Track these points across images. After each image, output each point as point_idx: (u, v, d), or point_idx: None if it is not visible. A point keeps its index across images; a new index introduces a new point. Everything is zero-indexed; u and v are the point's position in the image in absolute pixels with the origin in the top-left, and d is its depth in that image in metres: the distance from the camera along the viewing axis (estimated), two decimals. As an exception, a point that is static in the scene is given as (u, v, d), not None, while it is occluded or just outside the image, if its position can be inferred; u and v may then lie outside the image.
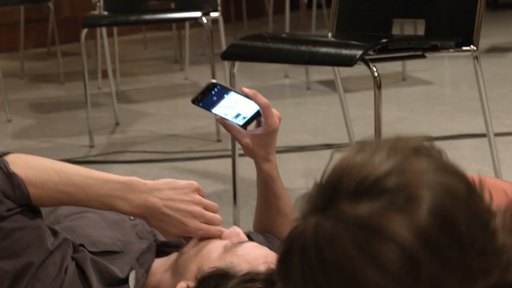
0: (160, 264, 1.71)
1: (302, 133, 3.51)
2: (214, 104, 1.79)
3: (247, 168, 2.93)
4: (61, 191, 1.57)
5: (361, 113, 3.66)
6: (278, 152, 3.26)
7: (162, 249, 1.77)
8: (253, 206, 2.59)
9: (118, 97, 4.38)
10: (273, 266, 1.56)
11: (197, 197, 1.63)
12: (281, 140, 3.43)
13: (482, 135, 2.84)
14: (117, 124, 3.90)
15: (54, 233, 1.62)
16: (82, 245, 1.66)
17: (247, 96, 1.79)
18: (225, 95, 1.78)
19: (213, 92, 1.77)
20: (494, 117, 2.79)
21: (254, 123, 1.86)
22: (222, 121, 1.84)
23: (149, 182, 1.60)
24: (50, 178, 1.57)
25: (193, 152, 3.25)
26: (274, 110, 1.85)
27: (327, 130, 3.58)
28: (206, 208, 1.65)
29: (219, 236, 1.66)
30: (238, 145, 2.41)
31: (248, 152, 1.88)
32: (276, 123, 1.84)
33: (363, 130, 3.31)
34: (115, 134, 3.76)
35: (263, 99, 1.81)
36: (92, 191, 1.57)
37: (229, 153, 2.45)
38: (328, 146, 3.31)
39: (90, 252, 1.67)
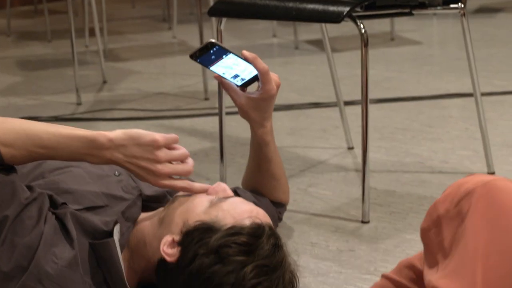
0: (146, 218, 1.71)
1: (289, 92, 3.50)
2: (212, 62, 1.78)
3: (234, 126, 2.93)
4: (31, 150, 1.59)
5: (349, 73, 3.66)
6: (266, 110, 3.26)
7: (147, 204, 1.78)
8: (240, 163, 2.60)
9: (106, 55, 4.36)
10: (258, 220, 1.57)
11: (161, 155, 1.61)
12: (269, 99, 3.42)
13: (470, 95, 2.84)
14: (104, 82, 3.88)
15: (30, 188, 1.62)
16: (64, 203, 1.66)
17: (246, 59, 1.79)
18: (223, 56, 1.77)
19: (211, 51, 1.75)
20: (482, 77, 2.80)
21: (254, 87, 1.86)
22: (220, 79, 1.84)
23: (114, 137, 1.60)
24: (20, 137, 1.58)
25: (180, 110, 3.25)
26: (274, 76, 1.84)
27: (315, 89, 3.57)
28: (174, 159, 1.64)
29: (203, 193, 1.66)
30: (225, 104, 2.41)
31: (242, 113, 1.87)
32: (274, 90, 1.84)
33: (351, 90, 3.30)
34: (103, 92, 3.74)
35: (262, 64, 1.80)
36: (61, 149, 1.59)
37: (217, 111, 2.45)
38: (315, 105, 3.30)
39: (74, 210, 1.67)
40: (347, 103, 2.94)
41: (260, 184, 1.99)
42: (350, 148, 2.74)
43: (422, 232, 1.35)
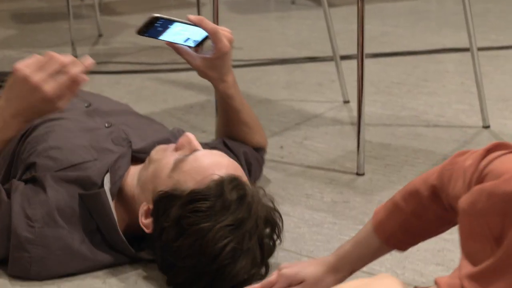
0: (134, 173, 1.71)
1: (285, 47, 3.49)
2: (160, 33, 1.77)
3: (230, 79, 2.92)
4: None
5: (345, 28, 3.64)
6: (262, 64, 3.26)
7: (138, 156, 1.78)
8: (235, 116, 2.60)
9: (101, 9, 4.33)
10: (217, 177, 1.56)
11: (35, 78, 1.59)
12: (265, 53, 3.42)
13: (466, 50, 2.84)
14: (100, 35, 3.86)
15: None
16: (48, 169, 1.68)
17: (194, 23, 1.78)
18: (169, 26, 1.76)
19: (157, 25, 1.74)
20: (479, 32, 2.79)
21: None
22: (172, 45, 1.83)
23: None
24: None
25: (176, 64, 3.23)
26: (225, 33, 1.84)
27: (311, 43, 3.56)
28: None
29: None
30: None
31: (201, 74, 1.89)
32: (226, 47, 1.83)
33: (347, 44, 3.29)
34: (98, 45, 3.73)
35: (210, 25, 1.80)
36: None
37: (212, 63, 2.43)
38: (311, 59, 3.30)
39: (62, 169, 1.69)
40: (343, 57, 2.93)
41: (232, 133, 1.99)
42: (346, 102, 2.75)
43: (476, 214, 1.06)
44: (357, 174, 2.15)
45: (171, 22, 1.75)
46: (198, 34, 1.81)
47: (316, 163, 2.24)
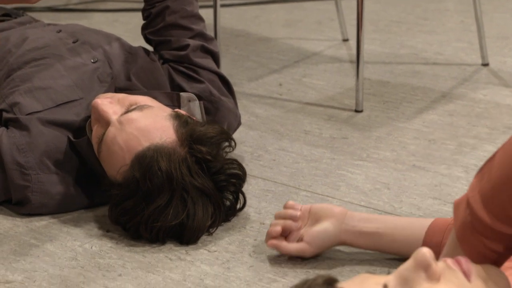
0: None
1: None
2: None
3: (228, 18, 2.92)
4: None
5: (345, -34, 3.61)
6: (262, 3, 3.24)
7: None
8: (234, 54, 2.60)
9: None
10: (132, 157, 1.53)
11: None
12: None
13: (466, -13, 2.82)
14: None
15: None
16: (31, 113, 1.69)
17: None
18: None
19: None
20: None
21: None
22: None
23: None
24: None
25: (175, 3, 3.22)
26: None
27: (311, -18, 3.54)
28: None
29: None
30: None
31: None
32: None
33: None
34: (96, -16, 3.70)
35: None
36: None
37: (211, 3, 2.43)
38: (311, -2, 3.28)
39: (47, 109, 1.70)
40: (342, -5, 2.92)
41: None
42: (345, 40, 2.74)
43: None
44: (356, 111, 2.16)
45: None
46: None
47: (315, 100, 2.25)
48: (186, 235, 1.53)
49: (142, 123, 1.54)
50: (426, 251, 0.90)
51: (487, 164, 0.95)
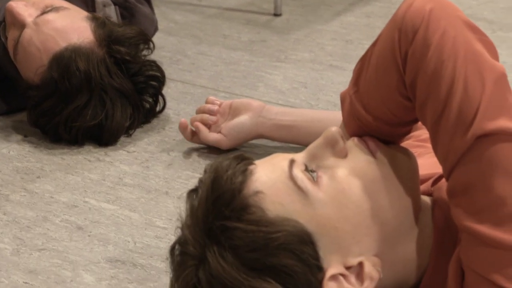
0: None
1: None
2: None
3: None
4: None
5: None
6: None
7: None
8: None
9: None
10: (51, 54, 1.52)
11: None
12: None
13: None
14: None
15: None
16: None
17: None
18: None
19: None
20: None
21: None
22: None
23: None
24: None
25: None
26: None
27: None
28: None
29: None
30: None
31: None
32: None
33: None
34: None
35: None
36: None
37: None
38: None
39: None
40: None
41: None
42: None
43: None
44: (275, 15, 2.16)
45: None
46: None
47: (233, 5, 2.24)
48: (105, 136, 1.53)
49: (58, 23, 1.53)
50: (335, 130, 0.92)
51: (364, 61, 0.95)
